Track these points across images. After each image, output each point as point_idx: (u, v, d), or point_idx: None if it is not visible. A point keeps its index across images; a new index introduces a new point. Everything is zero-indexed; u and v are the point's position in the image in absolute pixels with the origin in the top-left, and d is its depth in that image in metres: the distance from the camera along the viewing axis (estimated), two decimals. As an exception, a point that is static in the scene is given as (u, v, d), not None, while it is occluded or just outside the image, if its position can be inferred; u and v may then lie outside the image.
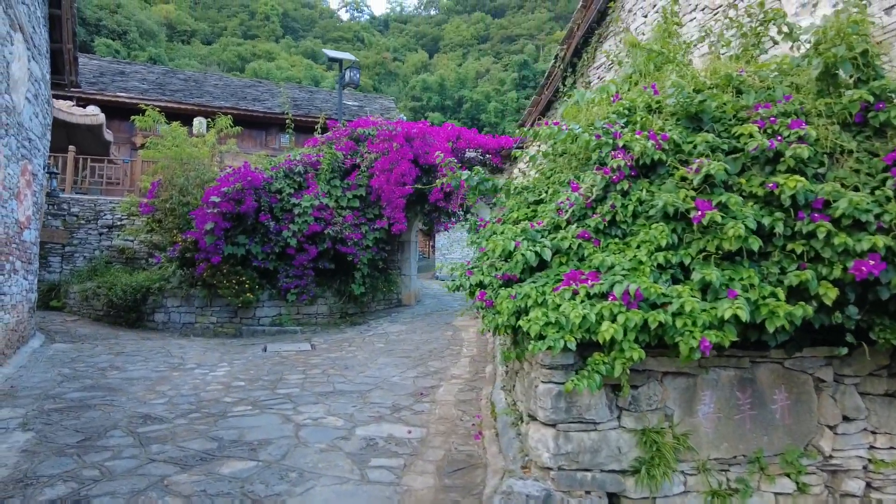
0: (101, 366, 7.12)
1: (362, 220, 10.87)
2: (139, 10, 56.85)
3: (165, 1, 66.12)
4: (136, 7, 57.00)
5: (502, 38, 73.08)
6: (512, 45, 70.35)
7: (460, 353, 8.30)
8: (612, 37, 8.77)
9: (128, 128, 16.12)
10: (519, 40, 70.72)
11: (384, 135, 11.09)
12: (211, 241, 9.55)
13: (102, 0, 54.14)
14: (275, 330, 10.13)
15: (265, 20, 72.85)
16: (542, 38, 70.57)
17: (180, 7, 66.67)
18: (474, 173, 4.63)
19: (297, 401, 5.71)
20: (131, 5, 56.56)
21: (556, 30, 71.10)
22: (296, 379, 6.62)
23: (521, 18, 76.13)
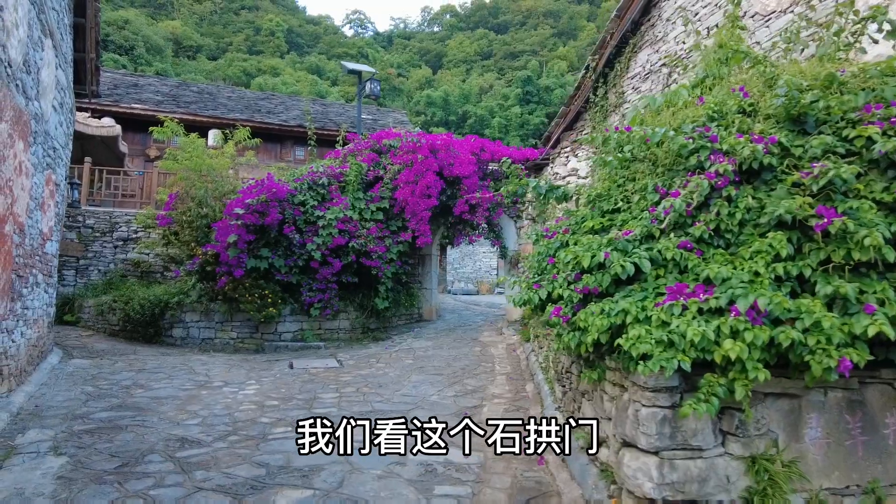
0: (125, 383, 6.81)
1: (386, 232, 10.61)
2: (146, 26, 57.36)
3: (172, 17, 66.79)
4: (143, 23, 57.51)
5: (505, 54, 73.51)
6: (515, 61, 70.74)
7: (494, 371, 7.98)
8: (649, 46, 8.57)
9: (141, 140, 15.96)
10: (522, 56, 71.13)
11: (408, 146, 10.87)
12: (234, 253, 9.28)
13: (110, 16, 54.62)
14: (297, 346, 9.82)
15: (270, 36, 73.42)
16: (544, 54, 70.98)
17: (186, 23, 67.27)
18: (541, 179, 4.33)
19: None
20: (139, 21, 57.08)
21: (559, 46, 71.61)
22: (331, 398, 6.31)
23: (524, 35, 76.63)
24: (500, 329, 11.11)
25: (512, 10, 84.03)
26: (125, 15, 56.42)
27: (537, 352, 7.83)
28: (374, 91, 13.38)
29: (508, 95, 61.82)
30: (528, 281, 4.22)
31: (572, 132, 10.49)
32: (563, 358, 5.16)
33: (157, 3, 69.87)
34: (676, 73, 7.86)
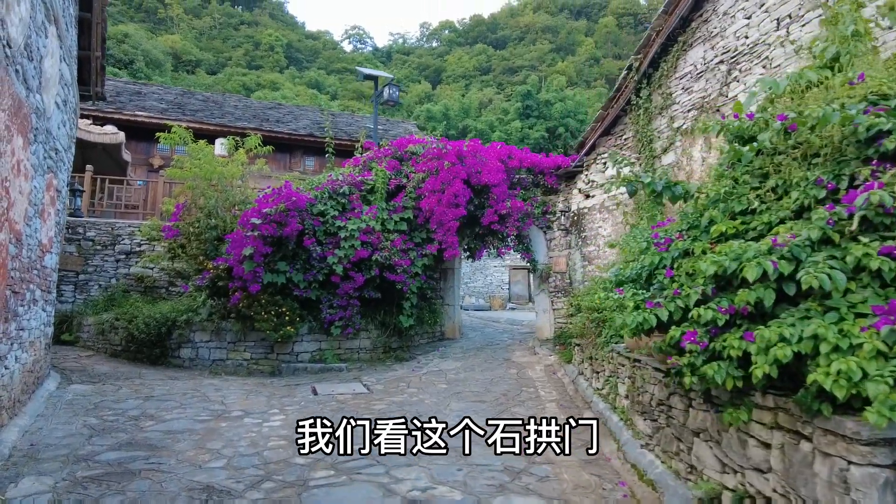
0: (132, 413, 6.02)
1: (410, 244, 9.87)
2: (146, 40, 57.09)
3: (171, 31, 66.61)
4: (142, 37, 57.26)
5: (504, 69, 73.55)
6: (514, 76, 70.74)
7: (540, 397, 7.22)
8: (701, 43, 7.93)
9: (145, 149, 15.25)
10: (521, 71, 71.17)
11: (433, 153, 10.18)
12: (249, 267, 8.52)
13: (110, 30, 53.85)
14: (317, 368, 9.02)
15: (269, 51, 73.31)
16: (543, 69, 71.00)
17: (186, 38, 67.09)
18: (659, 176, 3.61)
19: (386, 462, 4.62)
20: (138, 35, 56.83)
21: (558, 61, 71.62)
22: (369, 431, 5.52)
23: (523, 50, 76.77)
24: (533, 348, 10.34)
25: (510, 25, 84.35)
26: (125, 29, 56.20)
27: (591, 377, 7.07)
28: (392, 96, 12.72)
29: (508, 110, 61.61)
30: (634, 299, 3.48)
31: (610, 137, 9.82)
32: (655, 388, 4.41)
33: (157, 17, 69.81)
34: (737, 70, 7.21)
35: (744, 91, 7.07)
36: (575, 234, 10.44)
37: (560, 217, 10.59)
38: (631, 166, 9.04)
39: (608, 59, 72.28)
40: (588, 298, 7.20)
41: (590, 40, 76.37)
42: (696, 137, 7.87)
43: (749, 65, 7.00)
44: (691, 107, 8.05)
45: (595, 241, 9.89)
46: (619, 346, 5.69)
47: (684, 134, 8.13)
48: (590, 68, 71.91)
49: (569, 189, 10.84)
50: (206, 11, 76.22)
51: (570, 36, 78.65)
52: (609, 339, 6.21)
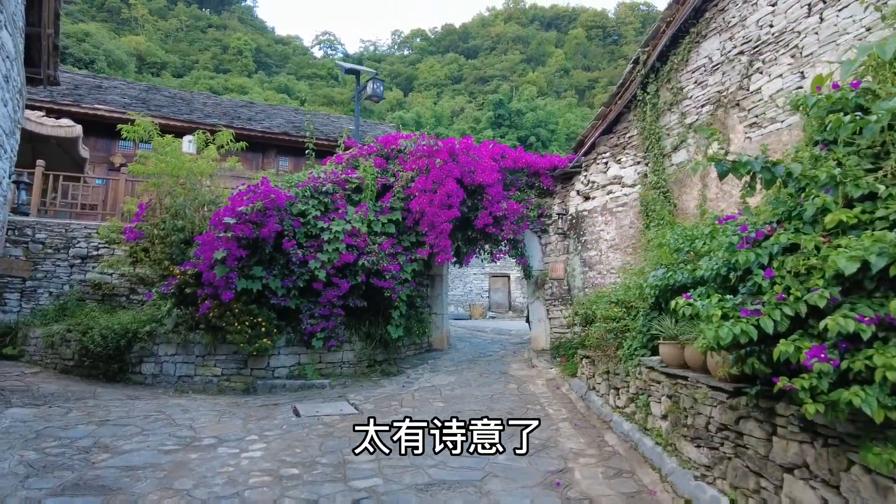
0: (82, 443, 5.08)
1: (398, 248, 9.11)
2: (108, 40, 55.13)
3: (136, 32, 64.53)
4: (104, 36, 55.33)
5: (476, 78, 73.65)
6: (486, 85, 70.87)
7: (549, 415, 6.52)
8: (717, 34, 7.42)
9: (105, 146, 14.12)
10: (492, 81, 71.39)
11: (423, 150, 9.45)
12: (221, 272, 7.63)
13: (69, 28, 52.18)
14: (297, 384, 8.14)
15: (238, 55, 71.74)
16: (514, 79, 71.34)
17: (151, 39, 65.06)
18: (760, 155, 2.94)
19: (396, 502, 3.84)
20: (100, 34, 54.88)
21: (528, 71, 72.04)
22: (367, 463, 4.72)
23: (494, 60, 77.05)
24: (529, 360, 9.65)
25: (482, 35, 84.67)
26: (85, 28, 54.20)
27: (606, 393, 6.39)
28: (376, 91, 11.94)
29: (480, 119, 61.50)
30: (720, 306, 2.79)
31: (612, 136, 9.25)
32: (714, 410, 3.74)
33: (121, 18, 67.61)
34: (760, 61, 6.69)
35: (768, 82, 6.56)
36: (574, 238, 9.82)
37: (557, 220, 9.97)
38: (637, 165, 8.48)
39: (578, 71, 73.06)
40: (602, 307, 6.55)
41: (560, 52, 77.06)
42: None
43: (774, 55, 6.49)
44: (706, 101, 7.52)
45: (597, 246, 9.28)
46: (652, 360, 5.03)
47: (699, 130, 7.59)
48: (560, 79, 72.54)
49: (566, 191, 10.23)
50: (172, 13, 74.24)
51: (541, 47, 79.33)
52: (633, 352, 5.55)
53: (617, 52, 75.16)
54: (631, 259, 8.58)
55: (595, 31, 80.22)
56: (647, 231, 8.10)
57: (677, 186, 7.88)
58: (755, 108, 6.72)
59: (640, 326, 5.63)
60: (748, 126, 6.81)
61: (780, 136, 6.29)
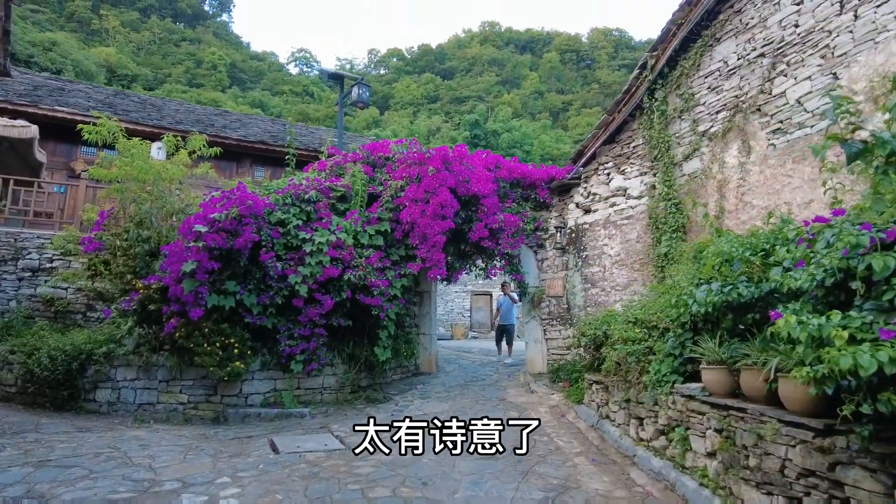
0: (12, 492, 4.19)
1: (387, 262, 8.39)
2: (77, 50, 53.71)
3: (106, 44, 63.04)
4: (73, 46, 53.87)
5: (452, 98, 74.08)
6: (461, 105, 71.26)
7: (561, 449, 5.83)
8: (733, 36, 6.98)
9: (66, 151, 13.11)
10: (468, 101, 71.84)
11: (414, 157, 8.80)
12: (190, 287, 6.79)
13: (36, 37, 50.76)
14: (273, 413, 7.29)
15: (212, 69, 70.71)
16: (490, 100, 71.89)
17: (122, 51, 63.58)
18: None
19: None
20: (68, 44, 53.46)
21: (504, 93, 72.68)
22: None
23: (470, 81, 77.65)
24: (527, 385, 8.94)
25: (458, 56, 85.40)
26: (53, 37, 52.69)
27: (624, 422, 5.73)
28: (362, 97, 11.27)
29: (456, 138, 61.48)
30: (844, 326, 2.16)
31: (614, 145, 8.74)
32: (794, 451, 3.09)
33: (91, 28, 66.15)
34: (784, 63, 6.24)
35: (794, 85, 6.09)
36: (573, 253, 9.22)
37: (555, 234, 9.36)
38: (643, 175, 7.97)
39: (552, 94, 73.97)
40: (619, 327, 5.91)
41: (534, 75, 78.01)
42: (731, 141, 6.84)
43: (801, 56, 6.04)
44: (721, 107, 7.04)
45: (599, 262, 8.69)
46: (690, 388, 4.38)
47: (714, 138, 7.10)
48: (535, 101, 73.29)
49: (564, 203, 9.65)
50: (145, 26, 72.94)
51: (516, 70, 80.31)
52: (663, 378, 4.90)
53: (590, 76, 76.35)
54: (638, 276, 8.01)
55: (569, 55, 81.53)
56: (657, 245, 7.54)
57: (690, 197, 7.36)
58: (779, 112, 6.25)
59: (668, 348, 5.00)
60: (771, 132, 6.32)
61: (811, 141, 5.80)
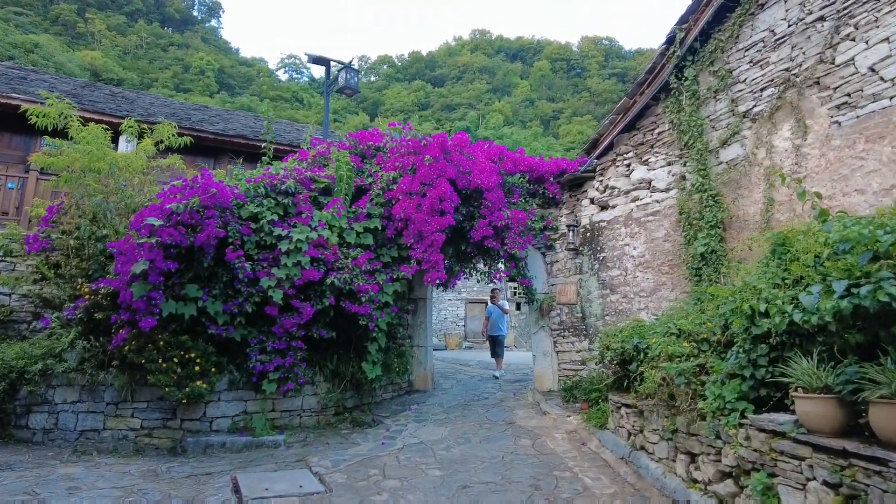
0: None
1: (377, 264, 7.29)
2: (60, 52, 52.52)
3: (92, 47, 61.75)
4: (56, 48, 52.68)
5: (442, 105, 73.68)
6: (452, 112, 70.84)
7: (589, 489, 4.77)
8: (780, 2, 6.00)
9: (23, 144, 11.91)
10: (459, 108, 71.45)
11: (409, 146, 7.75)
12: (140, 291, 5.66)
13: (18, 38, 49.58)
14: (241, 442, 6.14)
15: (200, 75, 69.69)
16: (481, 108, 71.47)
17: (108, 55, 62.30)
18: None
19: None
20: (51, 46, 52.30)
21: (495, 101, 72.28)
22: None
23: (461, 88, 77.28)
24: (537, 404, 7.85)
25: (448, 64, 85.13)
26: (35, 39, 51.50)
27: (668, 457, 4.65)
28: (350, 83, 10.21)
29: (447, 146, 60.61)
30: None
31: (635, 133, 7.73)
32: None
33: (76, 32, 64.91)
34: (851, 25, 5.25)
35: (865, 51, 5.10)
36: (588, 254, 8.17)
37: (567, 234, 8.32)
38: (670, 165, 6.96)
39: (543, 102, 73.68)
40: (661, 340, 4.85)
41: (525, 83, 77.81)
42: (781, 121, 5.84)
43: (874, 14, 5.05)
44: (767, 83, 6.05)
45: (620, 264, 7.64)
46: (775, 420, 3.33)
47: (758, 119, 6.10)
48: (525, 109, 72.93)
49: (575, 199, 8.62)
50: (132, 30, 71.83)
51: (507, 77, 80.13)
52: (727, 405, 3.85)
53: (581, 84, 76.14)
54: (667, 279, 6.97)
55: (559, 64, 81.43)
56: (691, 244, 6.51)
57: (729, 189, 6.35)
58: (845, 84, 5.26)
59: (731, 367, 3.96)
60: (834, 108, 5.33)
61: (891, 115, 4.81)
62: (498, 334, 11.68)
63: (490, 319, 11.87)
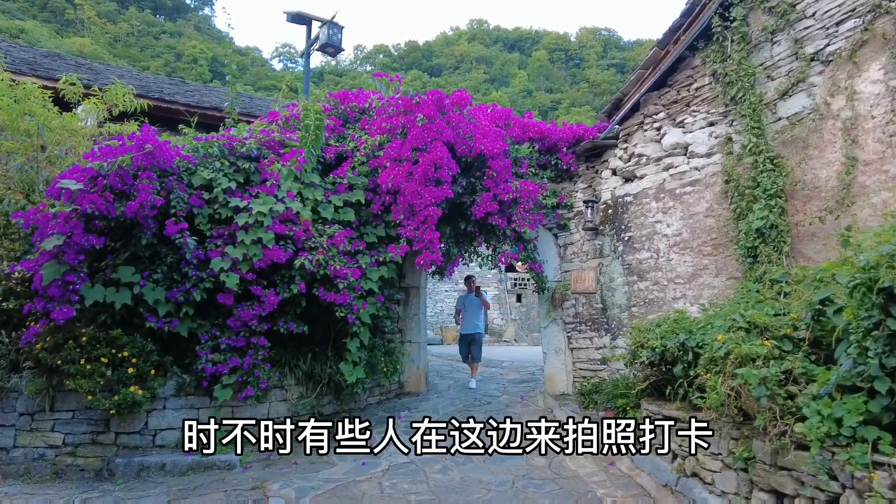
0: None
1: (360, 244, 6.07)
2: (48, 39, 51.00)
3: (81, 34, 60.21)
4: (43, 34, 51.20)
5: (440, 96, 72.23)
6: (450, 103, 69.33)
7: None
8: None
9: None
10: (456, 99, 69.77)
11: (399, 104, 6.52)
12: (53, 274, 4.44)
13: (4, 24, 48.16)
14: (186, 463, 4.92)
15: (193, 63, 68.12)
16: (479, 98, 69.86)
17: (98, 42, 60.70)
18: None
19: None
20: (38, 32, 50.81)
21: (492, 91, 70.86)
22: None
23: (458, 78, 75.86)
24: (549, 410, 6.65)
25: (445, 53, 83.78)
26: (22, 25, 50.11)
27: (745, 495, 3.45)
28: (332, 40, 8.94)
29: (445, 134, 59.48)
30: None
31: (667, 90, 6.50)
32: None
33: (65, 19, 63.34)
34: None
35: None
36: (611, 235, 6.94)
37: (585, 211, 7.08)
38: (712, 126, 5.75)
39: (541, 92, 72.38)
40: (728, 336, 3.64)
41: (523, 73, 76.53)
42: (867, 60, 4.61)
43: None
44: (847, 14, 4.82)
45: (650, 245, 6.41)
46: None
47: (834, 60, 4.88)
48: (523, 100, 71.59)
49: (594, 171, 7.39)
50: (123, 17, 70.22)
51: (504, 67, 78.86)
52: (841, 432, 2.66)
53: (579, 75, 74.86)
54: (709, 262, 5.76)
55: (557, 54, 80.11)
56: (742, 218, 5.30)
57: (792, 149, 5.14)
58: (960, 4, 4.04)
59: (843, 375, 2.78)
60: (944, 36, 4.11)
61: None
62: (473, 332, 9.27)
63: (462, 313, 9.53)
